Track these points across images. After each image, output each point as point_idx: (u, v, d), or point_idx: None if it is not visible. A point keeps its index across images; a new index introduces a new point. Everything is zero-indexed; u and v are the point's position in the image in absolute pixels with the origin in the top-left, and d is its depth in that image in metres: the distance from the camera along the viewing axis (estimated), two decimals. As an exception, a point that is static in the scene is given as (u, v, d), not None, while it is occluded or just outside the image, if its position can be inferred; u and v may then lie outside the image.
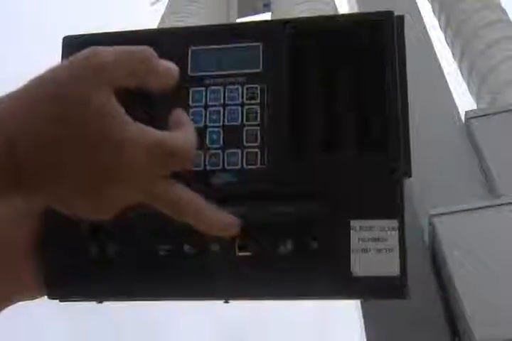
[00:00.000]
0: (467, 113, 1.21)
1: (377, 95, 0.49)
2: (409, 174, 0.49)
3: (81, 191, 0.40)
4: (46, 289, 0.51)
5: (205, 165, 0.49)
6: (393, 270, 0.46)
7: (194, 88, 0.51)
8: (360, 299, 0.62)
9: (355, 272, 0.46)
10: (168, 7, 1.97)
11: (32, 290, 0.51)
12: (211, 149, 0.49)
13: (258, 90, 0.50)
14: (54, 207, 0.42)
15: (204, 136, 0.49)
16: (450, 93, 1.35)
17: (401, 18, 0.51)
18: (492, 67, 1.45)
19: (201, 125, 0.50)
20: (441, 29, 1.70)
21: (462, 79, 1.57)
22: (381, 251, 0.47)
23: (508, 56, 1.44)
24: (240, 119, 0.50)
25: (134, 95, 0.42)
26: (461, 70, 1.58)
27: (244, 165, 0.49)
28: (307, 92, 0.50)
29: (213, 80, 0.51)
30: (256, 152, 0.49)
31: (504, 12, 1.58)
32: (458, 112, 1.28)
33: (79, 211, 0.42)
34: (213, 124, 0.50)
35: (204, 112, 0.50)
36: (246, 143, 0.49)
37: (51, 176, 0.39)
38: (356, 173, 0.48)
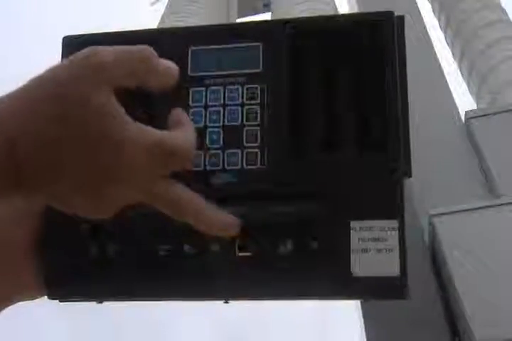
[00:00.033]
0: (467, 113, 1.21)
1: (377, 95, 0.49)
2: (409, 174, 0.49)
3: (81, 191, 0.40)
4: (46, 289, 0.51)
5: (205, 165, 0.49)
6: (393, 270, 0.46)
7: (194, 88, 0.51)
8: (360, 299, 0.62)
9: (355, 272, 0.46)
10: (168, 7, 1.97)
11: (32, 290, 0.51)
12: (211, 149, 0.49)
13: (258, 90, 0.50)
14: (54, 207, 0.42)
15: (204, 136, 0.49)
16: (450, 93, 1.35)
17: (401, 18, 0.51)
18: (492, 67, 1.45)
19: (201, 125, 0.50)
20: (441, 29, 1.70)
21: (462, 79, 1.57)
22: (381, 252, 0.46)
23: (508, 56, 1.44)
24: (240, 119, 0.50)
25: (134, 95, 0.42)
26: (461, 70, 1.58)
27: (244, 165, 0.49)
28: (307, 92, 0.50)
29: (213, 80, 0.51)
30: (256, 152, 0.49)
31: (504, 12, 1.58)
32: (458, 112, 1.28)
33: (79, 210, 0.42)
34: (213, 124, 0.50)
35: (204, 112, 0.50)
36: (246, 143, 0.49)
37: (51, 176, 0.39)
38: (356, 173, 0.48)
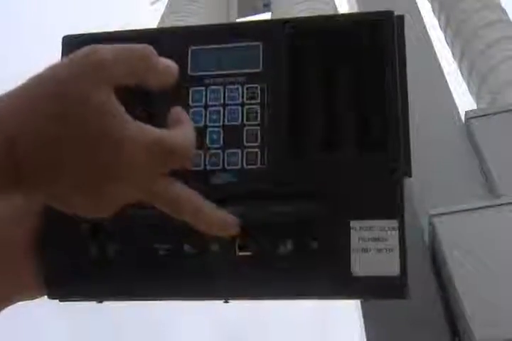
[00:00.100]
0: (467, 113, 1.21)
1: (377, 95, 0.49)
2: (409, 174, 0.49)
3: (80, 189, 0.40)
4: (46, 289, 0.51)
5: (205, 165, 0.49)
6: (393, 270, 0.46)
7: (194, 88, 0.51)
8: (360, 299, 0.62)
9: (355, 272, 0.46)
10: (168, 7, 1.97)
11: (32, 289, 0.51)
12: (211, 149, 0.49)
13: (258, 90, 0.50)
14: (53, 206, 0.42)
15: (204, 136, 0.49)
16: (450, 93, 1.35)
17: (401, 18, 0.51)
18: (492, 67, 1.45)
19: (201, 125, 0.50)
20: (441, 29, 1.70)
21: (462, 79, 1.57)
22: (381, 251, 0.46)
23: (508, 56, 1.44)
24: (240, 119, 0.50)
25: (134, 93, 0.42)
26: (461, 70, 1.58)
27: (244, 165, 0.49)
28: (307, 92, 0.50)
29: (213, 80, 0.51)
30: (256, 152, 0.49)
31: (504, 12, 1.58)
32: (458, 112, 1.28)
33: (78, 209, 0.42)
34: (213, 124, 0.50)
35: (204, 112, 0.50)
36: (246, 142, 0.49)
37: (51, 174, 0.39)
38: (356, 173, 0.48)
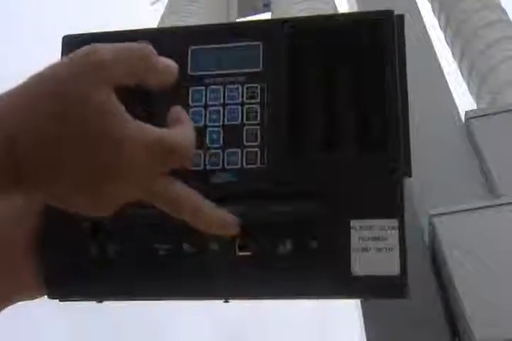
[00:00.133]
0: (467, 113, 1.21)
1: (377, 95, 0.49)
2: (409, 174, 0.49)
3: (80, 188, 0.40)
4: (46, 289, 0.51)
5: (205, 164, 0.49)
6: (393, 269, 0.46)
7: (194, 87, 0.51)
8: (360, 298, 0.62)
9: (355, 271, 0.46)
10: (168, 7, 1.97)
11: (32, 290, 0.51)
12: (211, 149, 0.49)
13: (258, 89, 0.50)
14: (53, 205, 0.42)
15: (204, 136, 0.49)
16: (450, 93, 1.35)
17: (401, 18, 0.51)
18: (492, 67, 1.45)
19: (201, 124, 0.50)
20: (441, 29, 1.70)
21: (462, 79, 1.57)
22: (381, 251, 0.46)
23: (508, 56, 1.44)
24: (240, 119, 0.49)
25: (134, 93, 0.42)
26: (461, 70, 1.58)
27: (244, 164, 0.49)
28: (307, 92, 0.50)
29: (213, 79, 0.51)
30: (256, 151, 0.49)
31: (504, 12, 1.58)
32: (458, 112, 1.28)
33: (78, 208, 0.42)
34: (213, 124, 0.50)
35: (204, 112, 0.50)
36: (246, 142, 0.49)
37: (51, 173, 0.39)
38: (356, 173, 0.48)
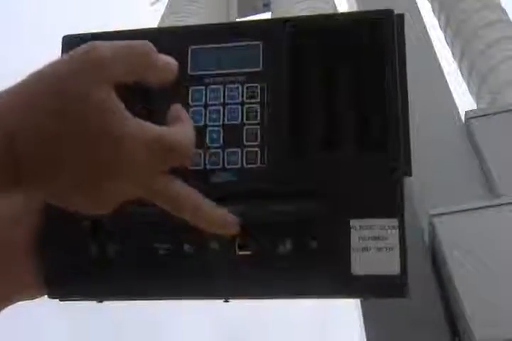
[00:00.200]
0: (467, 113, 1.21)
1: (377, 94, 0.49)
2: (409, 173, 0.49)
3: (80, 186, 0.40)
4: (46, 288, 0.51)
5: (205, 164, 0.49)
6: (393, 269, 0.46)
7: (194, 87, 0.51)
8: (360, 298, 0.62)
9: (355, 271, 0.46)
10: (168, 7, 1.97)
11: (32, 289, 0.51)
12: (211, 148, 0.49)
13: (258, 89, 0.50)
14: (52, 203, 0.42)
15: (204, 135, 0.49)
16: (450, 93, 1.35)
17: (401, 17, 0.51)
18: (492, 67, 1.45)
19: (201, 124, 0.50)
20: (441, 29, 1.70)
21: (462, 79, 1.57)
22: (381, 250, 0.46)
23: (508, 56, 1.44)
24: (240, 118, 0.49)
25: (134, 91, 0.42)
26: (461, 70, 1.58)
27: (244, 164, 0.49)
28: (307, 91, 0.50)
29: (213, 79, 0.51)
30: (256, 151, 0.49)
31: (504, 12, 1.58)
32: (458, 112, 1.28)
33: (77, 206, 0.42)
34: (213, 123, 0.50)
35: (204, 111, 0.50)
36: (246, 142, 0.49)
37: (50, 171, 0.39)
38: (356, 172, 0.48)
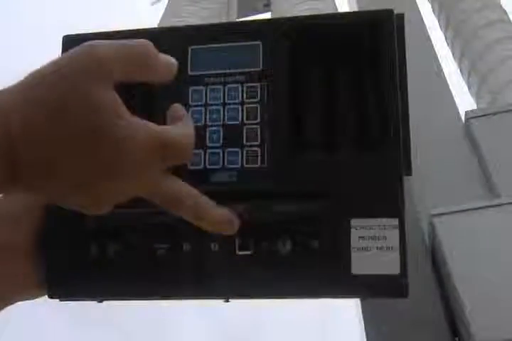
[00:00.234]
0: (467, 113, 1.21)
1: (377, 94, 0.49)
2: (409, 173, 0.49)
3: (80, 186, 0.40)
4: (47, 288, 0.51)
5: (205, 163, 0.49)
6: (394, 268, 0.46)
7: (194, 87, 0.51)
8: (360, 298, 0.62)
9: (355, 270, 0.46)
10: (168, 7, 1.97)
11: (32, 289, 0.51)
12: (211, 148, 0.49)
13: (258, 89, 0.50)
14: (52, 202, 0.42)
15: (204, 135, 0.49)
16: (450, 93, 1.35)
17: (401, 17, 0.51)
18: (492, 67, 1.45)
19: (201, 124, 0.50)
20: (441, 29, 1.69)
21: (462, 79, 1.57)
22: (382, 250, 0.46)
23: (508, 56, 1.44)
24: (240, 118, 0.50)
25: (134, 91, 0.42)
26: (461, 70, 1.58)
27: (244, 164, 0.49)
28: (307, 91, 0.50)
29: (213, 79, 0.51)
30: (256, 151, 0.49)
31: (504, 12, 1.58)
32: (458, 112, 1.27)
33: (77, 206, 0.42)
34: (213, 123, 0.50)
35: (204, 111, 0.50)
36: (246, 142, 0.49)
37: (50, 170, 0.39)
38: (356, 172, 0.48)
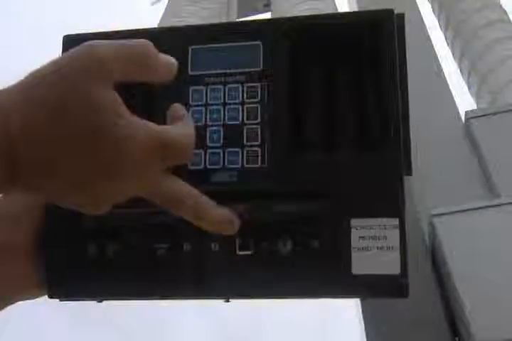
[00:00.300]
0: (467, 113, 1.21)
1: (377, 94, 0.49)
2: (409, 173, 0.49)
3: (79, 186, 0.40)
4: (46, 288, 0.51)
5: (205, 164, 0.49)
6: (394, 268, 0.46)
7: (194, 87, 0.51)
8: (360, 298, 0.62)
9: (355, 270, 0.46)
10: (168, 7, 1.97)
11: (32, 289, 0.51)
12: (211, 148, 0.49)
13: (258, 89, 0.50)
14: (52, 202, 0.42)
15: (204, 135, 0.49)
16: (450, 93, 1.35)
17: (401, 17, 0.51)
18: (492, 67, 1.45)
19: (201, 124, 0.50)
20: (441, 29, 1.69)
21: (462, 79, 1.57)
22: (382, 250, 0.46)
23: (508, 56, 1.44)
24: (241, 118, 0.50)
25: (135, 90, 0.42)
26: (461, 70, 1.58)
27: (244, 164, 0.49)
28: (307, 91, 0.50)
29: (213, 79, 0.51)
30: (256, 151, 0.49)
31: (504, 12, 1.58)
32: (458, 112, 1.27)
33: (77, 206, 0.42)
34: (214, 123, 0.50)
35: (204, 111, 0.50)
36: (246, 141, 0.49)
37: (49, 170, 0.39)
38: (357, 172, 0.48)
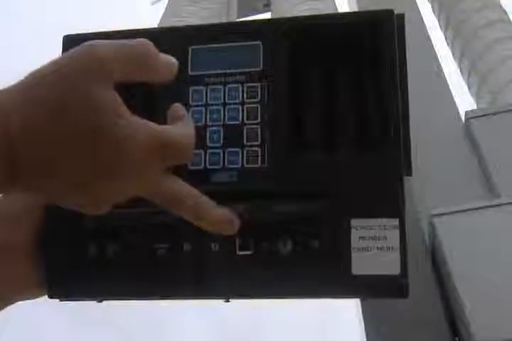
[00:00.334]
0: (467, 113, 1.21)
1: (377, 94, 0.49)
2: (409, 173, 0.49)
3: (79, 186, 0.40)
4: (46, 288, 0.51)
5: (205, 164, 0.49)
6: (394, 269, 0.46)
7: (194, 87, 0.51)
8: (360, 298, 0.62)
9: (355, 271, 0.46)
10: (168, 7, 1.97)
11: (32, 289, 0.51)
12: (211, 148, 0.49)
13: (258, 89, 0.50)
14: (52, 202, 0.42)
15: (204, 135, 0.49)
16: (450, 93, 1.35)
17: (401, 17, 0.51)
18: (492, 67, 1.45)
19: (202, 124, 0.50)
20: (441, 29, 1.69)
21: (462, 79, 1.57)
22: (382, 250, 0.46)
23: (508, 56, 1.44)
24: (241, 118, 0.50)
25: (135, 92, 0.42)
26: (461, 70, 1.58)
27: (244, 164, 0.49)
28: (307, 91, 0.50)
29: (213, 79, 0.51)
30: (256, 151, 0.49)
31: (504, 12, 1.58)
32: (458, 112, 1.28)
33: (77, 206, 0.42)
34: (214, 123, 0.50)
35: (204, 111, 0.50)
36: (246, 142, 0.49)
37: (49, 170, 0.39)
38: (357, 172, 0.48)
